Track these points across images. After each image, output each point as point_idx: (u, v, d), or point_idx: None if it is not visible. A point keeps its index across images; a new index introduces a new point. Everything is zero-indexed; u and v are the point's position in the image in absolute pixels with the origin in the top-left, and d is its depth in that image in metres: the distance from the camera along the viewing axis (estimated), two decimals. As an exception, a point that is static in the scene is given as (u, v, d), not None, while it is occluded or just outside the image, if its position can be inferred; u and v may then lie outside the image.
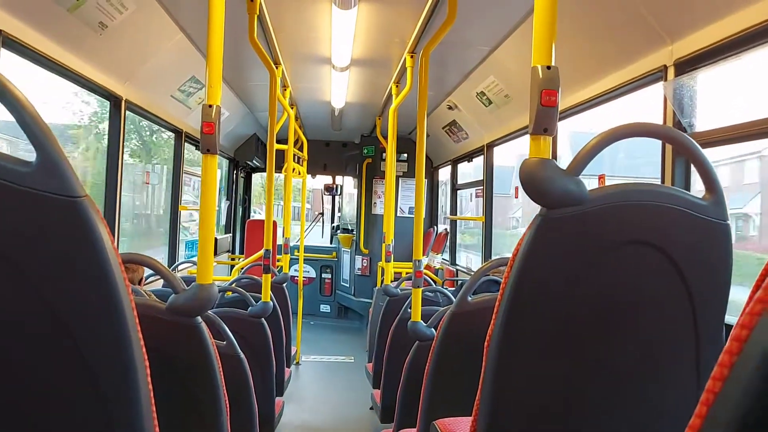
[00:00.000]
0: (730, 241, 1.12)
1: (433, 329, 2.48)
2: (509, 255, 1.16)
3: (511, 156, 6.60)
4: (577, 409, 1.17)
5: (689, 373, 1.16)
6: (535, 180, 1.06)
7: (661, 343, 1.16)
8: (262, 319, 2.91)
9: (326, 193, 8.46)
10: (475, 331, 1.66)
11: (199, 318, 1.48)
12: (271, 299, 3.07)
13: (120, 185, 3.40)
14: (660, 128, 1.17)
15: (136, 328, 0.89)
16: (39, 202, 0.80)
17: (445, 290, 3.36)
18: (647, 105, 2.70)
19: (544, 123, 1.11)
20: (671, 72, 2.22)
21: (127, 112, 3.42)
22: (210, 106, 1.60)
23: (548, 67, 1.12)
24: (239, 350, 2.14)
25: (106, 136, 3.45)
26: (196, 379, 1.51)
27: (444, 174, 6.81)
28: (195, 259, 5.07)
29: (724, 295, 1.14)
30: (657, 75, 2.31)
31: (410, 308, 2.76)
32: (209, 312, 2.16)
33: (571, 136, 5.24)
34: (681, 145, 1.12)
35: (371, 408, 4.03)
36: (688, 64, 2.16)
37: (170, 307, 1.44)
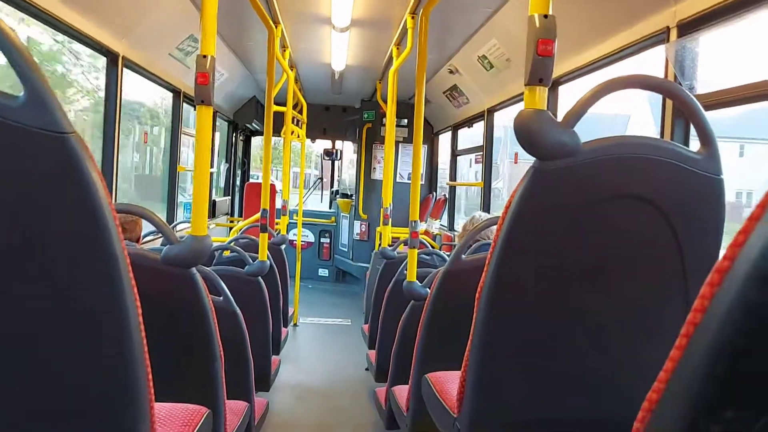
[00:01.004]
0: (723, 196, 1.11)
1: (427, 289, 2.50)
2: None
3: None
4: (563, 360, 1.19)
5: (677, 327, 1.17)
6: (529, 131, 1.05)
7: (650, 297, 1.17)
8: (259, 278, 2.93)
9: (326, 158, 8.43)
10: (468, 290, 1.67)
11: (193, 269, 1.49)
12: (269, 259, 3.08)
13: (117, 144, 3.38)
14: (656, 80, 1.16)
15: (127, 268, 0.89)
16: (27, 137, 0.79)
17: (441, 253, 3.37)
18: (646, 70, 2.67)
19: (539, 73, 1.10)
20: (674, 33, 2.19)
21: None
22: (204, 56, 1.58)
23: (545, 16, 1.10)
24: (235, 305, 2.16)
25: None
26: (190, 326, 1.52)
27: (445, 140, 6.76)
28: None
29: (715, 250, 1.14)
30: (660, 37, 2.28)
31: (406, 270, 2.77)
32: (206, 268, 2.17)
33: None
34: (676, 98, 1.12)
35: (367, 369, 4.09)
36: (691, 26, 2.12)
37: (165, 258, 1.45)
